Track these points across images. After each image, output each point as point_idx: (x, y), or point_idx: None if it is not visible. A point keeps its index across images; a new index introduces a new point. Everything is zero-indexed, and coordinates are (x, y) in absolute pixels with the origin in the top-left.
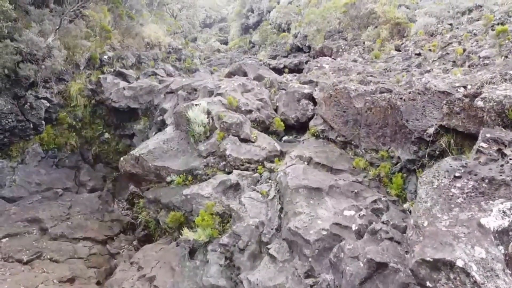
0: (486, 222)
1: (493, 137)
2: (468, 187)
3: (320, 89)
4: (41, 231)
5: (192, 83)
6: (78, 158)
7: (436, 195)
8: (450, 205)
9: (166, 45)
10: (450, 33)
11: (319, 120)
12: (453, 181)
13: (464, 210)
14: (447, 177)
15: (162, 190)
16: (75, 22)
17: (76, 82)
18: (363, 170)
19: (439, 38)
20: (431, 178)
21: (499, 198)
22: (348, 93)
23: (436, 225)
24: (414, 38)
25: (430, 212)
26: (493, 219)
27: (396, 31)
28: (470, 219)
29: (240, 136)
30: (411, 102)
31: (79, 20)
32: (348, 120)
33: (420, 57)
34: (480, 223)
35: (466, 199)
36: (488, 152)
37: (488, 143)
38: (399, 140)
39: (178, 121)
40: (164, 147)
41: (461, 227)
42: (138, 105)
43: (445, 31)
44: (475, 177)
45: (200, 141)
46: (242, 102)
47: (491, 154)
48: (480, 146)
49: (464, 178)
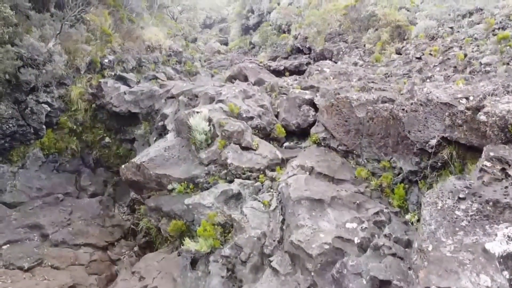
0: (491, 247)
1: (496, 156)
2: (473, 210)
3: (321, 95)
4: (42, 237)
5: (193, 89)
6: (79, 162)
7: (440, 217)
8: (455, 228)
9: (167, 48)
10: (450, 36)
11: (321, 128)
12: (457, 203)
13: (468, 234)
14: (451, 198)
15: (163, 198)
16: (75, 26)
17: (76, 86)
18: (365, 180)
19: (440, 42)
20: (435, 198)
21: (503, 222)
22: (350, 102)
23: (441, 250)
24: (415, 42)
25: (435, 236)
26: (497, 244)
27: (396, 33)
28: (475, 243)
29: (242, 144)
30: (413, 114)
31: (79, 24)
32: (349, 130)
33: (421, 61)
34: (485, 248)
35: (470, 222)
36: (492, 171)
37: (492, 161)
38: (401, 151)
39: (179, 128)
40: (165, 154)
41: (466, 252)
42: (139, 109)
43: (446, 34)
44: (480, 199)
45: (201, 149)
46: (243, 109)
47: (494, 173)
48: (484, 165)
49: (468, 200)
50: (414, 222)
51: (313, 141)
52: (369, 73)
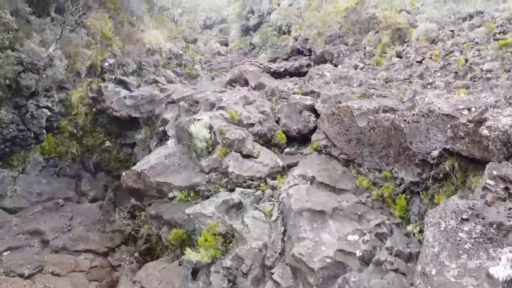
0: (494, 272)
1: (499, 174)
2: (476, 232)
3: (322, 101)
4: (42, 244)
5: (194, 95)
6: (79, 166)
7: (443, 239)
8: (458, 251)
9: (167, 50)
10: (451, 40)
11: (321, 135)
12: (461, 224)
13: (472, 257)
14: (454, 219)
15: (164, 206)
16: (76, 31)
17: (77, 90)
18: (366, 190)
19: (440, 46)
20: (438, 219)
21: (507, 245)
22: (351, 111)
23: (445, 275)
24: (416, 45)
25: (438, 259)
26: (501, 269)
27: (397, 36)
28: (479, 268)
29: (243, 152)
30: (415, 125)
31: (80, 29)
32: (351, 139)
33: (421, 65)
34: (489, 273)
35: (474, 245)
36: (495, 190)
37: (495, 180)
38: (402, 162)
39: (180, 135)
40: (166, 162)
41: (470, 278)
42: (139, 114)
43: (447, 37)
44: (483, 221)
45: (202, 156)
46: (244, 116)
47: (497, 192)
48: (487, 183)
49: (471, 222)
50: (416, 233)
51: (314, 149)
52: (369, 77)
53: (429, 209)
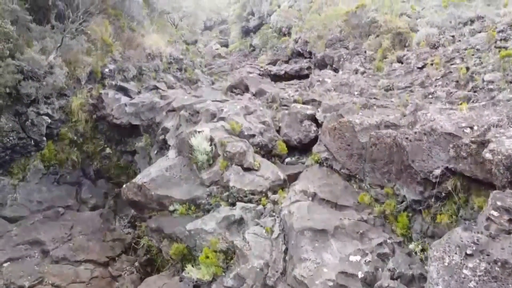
0: None
1: (504, 206)
2: (481, 269)
3: (323, 111)
4: (42, 254)
5: (194, 104)
6: (80, 174)
7: (447, 275)
8: None
9: (167, 55)
10: (452, 45)
11: (323, 147)
12: (465, 260)
13: None
14: (458, 254)
15: (165, 220)
16: (76, 38)
17: (77, 97)
18: (368, 206)
19: (441, 51)
20: (441, 253)
21: None
22: (353, 127)
23: None
24: (416, 50)
25: None
26: None
27: (397, 40)
28: None
29: (243, 165)
30: (417, 143)
31: (80, 36)
32: (352, 154)
33: (422, 72)
34: None
35: (478, 284)
36: (499, 221)
37: (499, 211)
38: (404, 179)
39: (181, 147)
40: (167, 175)
41: None
42: (140, 121)
43: (448, 43)
44: (488, 257)
45: (202, 169)
46: (245, 127)
47: (502, 224)
48: (491, 214)
49: (476, 258)
50: (418, 252)
51: (315, 161)
52: (370, 84)
53: (431, 228)
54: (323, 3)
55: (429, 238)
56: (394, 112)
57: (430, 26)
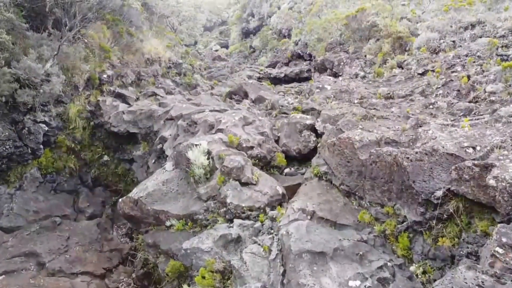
0: None
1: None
2: None
3: (323, 121)
4: (38, 266)
5: (192, 114)
6: (77, 181)
7: None
8: None
9: (166, 60)
10: (453, 51)
11: (322, 160)
12: None
13: None
14: None
15: (161, 235)
16: (73, 45)
17: (75, 104)
18: (368, 225)
19: (442, 57)
20: None
21: None
22: (352, 144)
23: None
24: (417, 56)
25: None
26: None
27: (398, 45)
28: None
29: (241, 180)
30: (418, 163)
31: (77, 43)
32: (352, 171)
33: (423, 79)
34: None
35: None
36: (504, 259)
37: (504, 248)
38: (405, 199)
39: (178, 160)
40: (164, 189)
41: None
42: (138, 129)
43: (448, 48)
44: None
45: (200, 183)
46: (243, 139)
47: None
48: (495, 251)
49: None
50: (419, 274)
51: (315, 174)
52: (370, 92)
53: (432, 249)
54: (323, 5)
55: (430, 260)
56: (395, 124)
57: (431, 30)
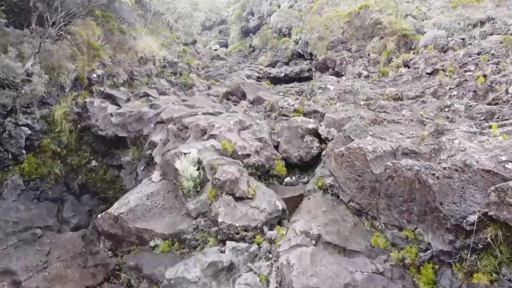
0: None
1: None
2: None
3: (327, 125)
4: (13, 286)
5: (183, 118)
6: (63, 188)
7: None
8: None
9: (161, 58)
10: (463, 49)
11: (327, 171)
12: None
13: None
14: None
15: (144, 257)
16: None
17: (61, 105)
18: (383, 251)
19: (451, 55)
20: None
21: None
22: (365, 155)
23: None
24: (424, 54)
25: None
26: None
27: (403, 43)
28: None
29: (235, 194)
30: (446, 181)
31: (62, 40)
32: (364, 187)
33: (434, 80)
34: None
35: None
36: None
37: None
38: (429, 223)
39: (165, 170)
40: (148, 204)
41: None
42: (127, 133)
43: (458, 47)
44: None
45: (189, 197)
46: (239, 145)
47: None
48: None
49: None
50: None
51: (319, 186)
52: (377, 92)
53: (464, 286)
54: (324, 3)
55: None
56: (408, 129)
57: (438, 28)
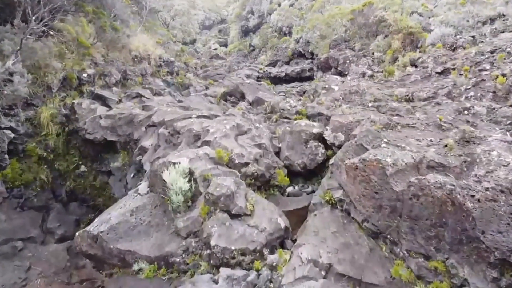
0: None
1: None
2: None
3: (333, 130)
4: None
5: (175, 122)
6: (49, 196)
7: None
8: None
9: (157, 57)
10: (474, 47)
11: (336, 183)
12: None
13: None
14: None
15: (127, 282)
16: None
17: (47, 107)
18: (406, 284)
19: (462, 54)
20: None
21: None
22: (383, 168)
23: None
24: (433, 53)
25: None
26: None
27: (408, 41)
28: None
29: (231, 211)
30: (489, 204)
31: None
32: (382, 206)
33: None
34: None
35: None
36: None
37: None
38: (466, 254)
39: (153, 181)
40: (132, 221)
41: None
42: (116, 137)
43: (468, 45)
44: None
45: (178, 213)
46: (236, 153)
47: None
48: None
49: None
50: None
51: (327, 201)
52: (385, 93)
53: None
54: (326, 1)
55: None
56: (425, 135)
57: (445, 25)
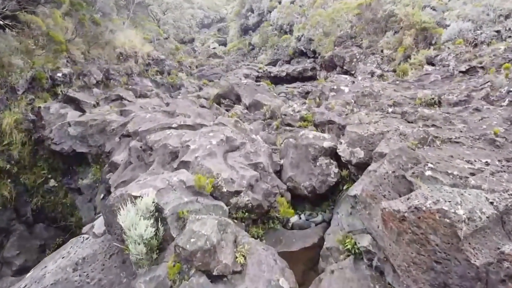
0: None
1: None
2: None
3: (350, 144)
4: None
5: (149, 134)
6: (11, 215)
7: None
8: None
9: (145, 55)
10: (502, 43)
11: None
12: None
13: None
14: None
15: None
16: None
17: (11, 111)
18: None
19: (488, 50)
20: None
21: None
22: (452, 226)
23: None
24: (454, 50)
25: None
26: None
27: (421, 37)
28: None
29: (212, 270)
30: None
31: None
32: (447, 284)
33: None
34: None
35: None
36: None
37: None
38: None
39: (109, 220)
40: (75, 279)
41: None
42: (87, 148)
43: (494, 41)
44: None
45: (140, 267)
46: (224, 178)
47: None
48: None
49: None
50: None
51: (348, 250)
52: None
53: None
54: None
55: None
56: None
57: (463, 20)
